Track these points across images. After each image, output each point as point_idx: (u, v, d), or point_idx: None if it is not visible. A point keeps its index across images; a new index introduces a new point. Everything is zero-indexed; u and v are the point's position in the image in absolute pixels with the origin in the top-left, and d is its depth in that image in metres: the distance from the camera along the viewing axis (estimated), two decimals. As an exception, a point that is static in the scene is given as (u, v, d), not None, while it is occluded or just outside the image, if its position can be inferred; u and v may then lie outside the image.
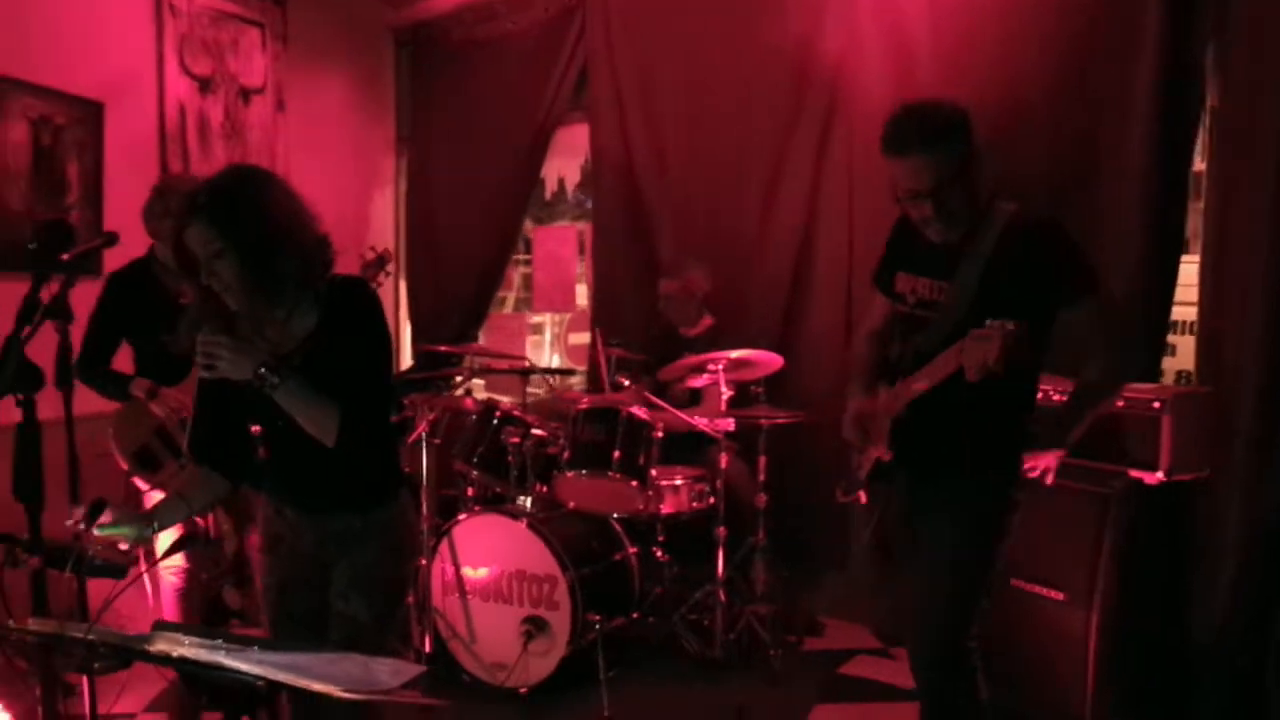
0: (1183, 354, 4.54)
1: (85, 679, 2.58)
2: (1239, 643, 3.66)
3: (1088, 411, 2.94)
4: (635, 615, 4.67)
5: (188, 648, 1.91)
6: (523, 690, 4.26)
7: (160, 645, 1.92)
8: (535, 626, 4.24)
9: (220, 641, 1.96)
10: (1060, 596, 3.75)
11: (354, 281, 2.64)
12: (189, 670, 1.93)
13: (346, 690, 1.79)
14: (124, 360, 3.93)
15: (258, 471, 2.66)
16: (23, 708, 3.35)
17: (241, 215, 2.36)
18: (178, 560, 3.90)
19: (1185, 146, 4.10)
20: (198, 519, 3.80)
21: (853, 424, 3.12)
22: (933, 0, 4.78)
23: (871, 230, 4.65)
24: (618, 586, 4.61)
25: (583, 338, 6.76)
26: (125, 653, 1.93)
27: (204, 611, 4.17)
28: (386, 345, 2.62)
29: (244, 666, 1.84)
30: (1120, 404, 3.66)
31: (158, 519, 2.39)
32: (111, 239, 3.07)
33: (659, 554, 4.83)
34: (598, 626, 4.29)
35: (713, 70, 5.70)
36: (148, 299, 3.81)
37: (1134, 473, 3.68)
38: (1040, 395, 3.14)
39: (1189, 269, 4.23)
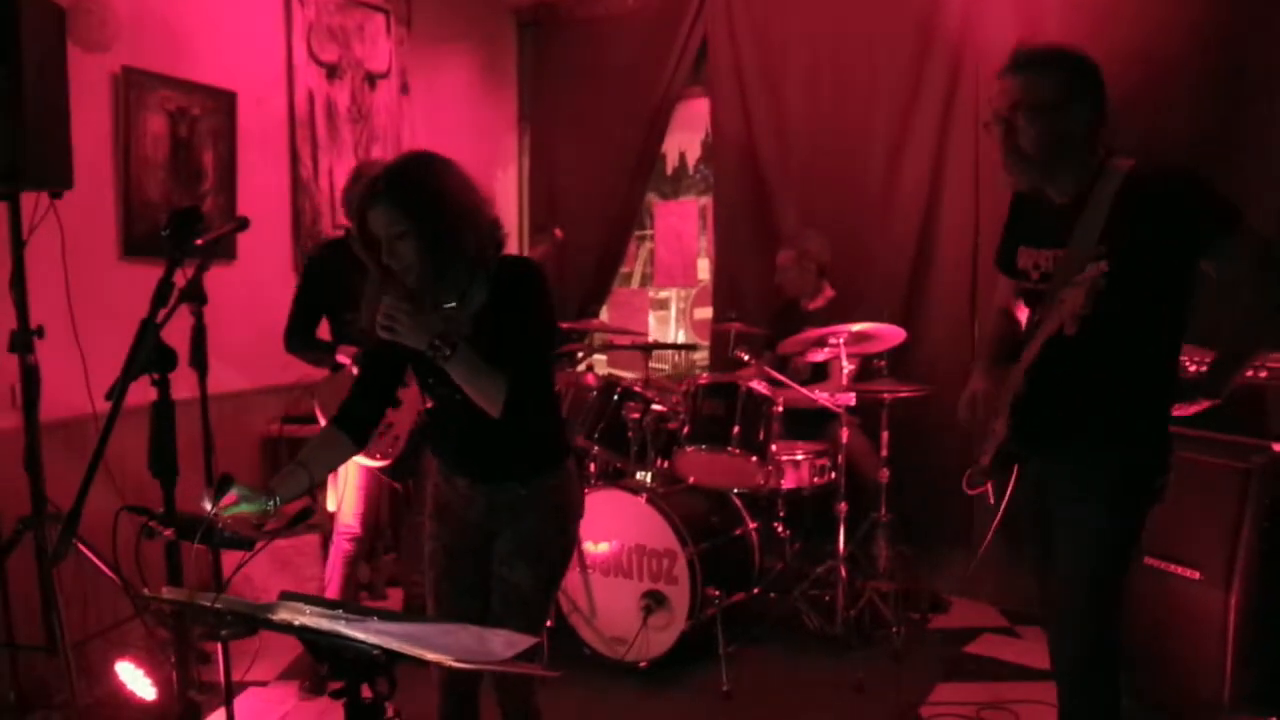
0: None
1: (219, 647, 2.71)
2: None
3: (1244, 356, 2.74)
4: (755, 591, 4.68)
5: (309, 616, 1.97)
6: (642, 664, 4.31)
7: (283, 614, 1.98)
8: (655, 601, 4.27)
9: (341, 611, 2.04)
10: (1196, 575, 3.64)
11: (523, 261, 2.73)
12: (310, 639, 2.00)
13: (460, 661, 1.84)
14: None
15: (435, 441, 2.83)
16: (161, 675, 3.54)
17: (423, 198, 2.45)
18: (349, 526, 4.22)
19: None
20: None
21: (967, 404, 2.93)
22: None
23: (998, 200, 4.51)
24: (738, 562, 4.62)
25: (707, 313, 6.77)
26: (250, 620, 1.99)
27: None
28: (553, 321, 2.76)
29: (362, 635, 1.89)
30: (1263, 374, 3.56)
31: (279, 492, 2.48)
32: (243, 224, 3.19)
33: (780, 529, 4.84)
34: (717, 601, 4.31)
35: (834, 40, 5.68)
36: (345, 277, 4.01)
37: (1277, 446, 3.54)
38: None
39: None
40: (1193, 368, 3.52)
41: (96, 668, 3.81)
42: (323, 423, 3.97)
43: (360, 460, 4.05)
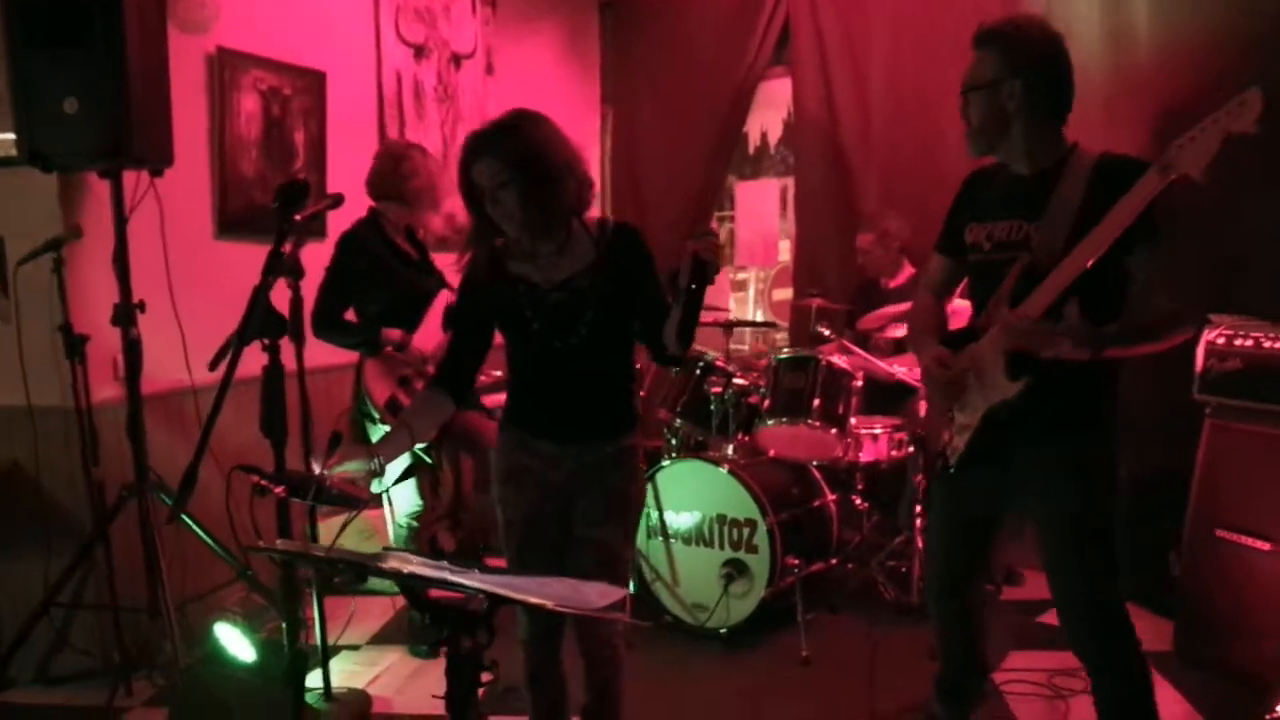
0: None
1: (314, 609, 2.77)
2: None
3: (1132, 338, 2.65)
4: (834, 561, 4.75)
5: (416, 565, 2.08)
6: (722, 630, 4.40)
7: (392, 563, 2.09)
8: (735, 569, 4.36)
9: (445, 563, 2.15)
10: (1266, 547, 3.70)
11: (630, 226, 2.89)
12: (418, 586, 2.10)
13: (560, 606, 1.93)
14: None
15: (516, 406, 2.92)
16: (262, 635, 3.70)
17: (523, 150, 2.59)
18: (415, 505, 4.25)
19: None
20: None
21: (938, 376, 2.89)
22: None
23: None
24: (816, 532, 4.69)
25: (786, 293, 6.82)
26: (361, 569, 2.10)
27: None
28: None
29: (468, 582, 1.99)
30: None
31: (382, 451, 2.61)
32: (338, 200, 3.30)
33: (858, 501, 4.89)
34: (796, 570, 4.39)
35: (917, 21, 5.72)
36: (381, 257, 4.16)
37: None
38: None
39: None
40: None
41: (197, 630, 3.95)
42: (373, 410, 4.11)
43: None
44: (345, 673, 4.12)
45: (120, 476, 3.95)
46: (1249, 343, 3.83)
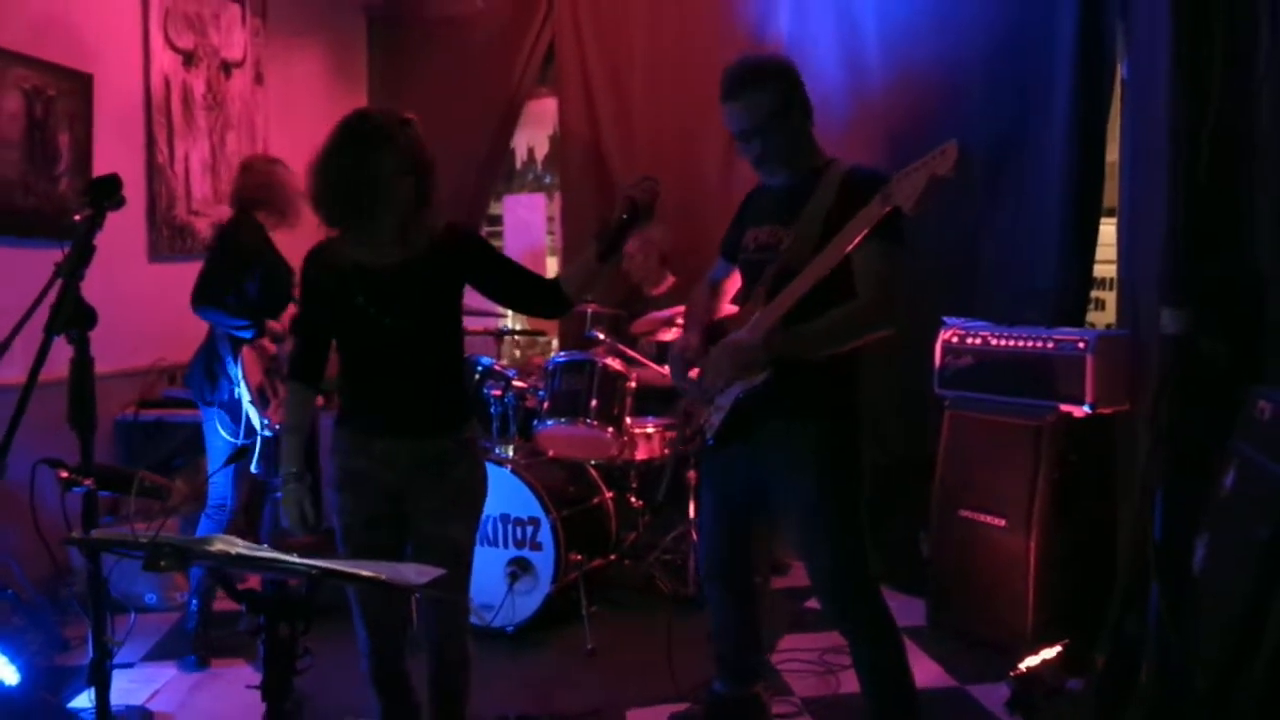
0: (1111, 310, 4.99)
1: (90, 628, 2.67)
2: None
3: (812, 337, 2.88)
4: (613, 557, 4.95)
5: (242, 548, 2.13)
6: (509, 628, 4.50)
7: (219, 546, 2.13)
8: (520, 567, 4.49)
9: (267, 547, 2.21)
10: (1001, 523, 4.12)
11: (464, 226, 3.09)
12: (245, 566, 2.16)
13: (385, 579, 2.03)
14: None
15: (351, 405, 2.98)
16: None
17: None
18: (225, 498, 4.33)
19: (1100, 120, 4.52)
20: None
21: (681, 357, 3.19)
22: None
23: None
24: (596, 529, 4.89)
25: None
26: (186, 554, 2.12)
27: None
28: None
29: (296, 561, 2.06)
30: (1051, 345, 4.09)
31: (292, 463, 2.90)
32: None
33: (633, 500, 5.10)
34: (579, 566, 4.57)
35: (675, 41, 6.07)
36: (257, 251, 4.28)
37: (1064, 407, 4.05)
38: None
39: (1109, 229, 4.67)
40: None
41: None
42: (246, 393, 4.16)
43: (262, 428, 4.20)
44: (121, 691, 3.99)
45: None
46: (978, 341, 4.32)
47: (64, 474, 2.44)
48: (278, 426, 4.12)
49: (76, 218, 2.65)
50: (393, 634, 2.96)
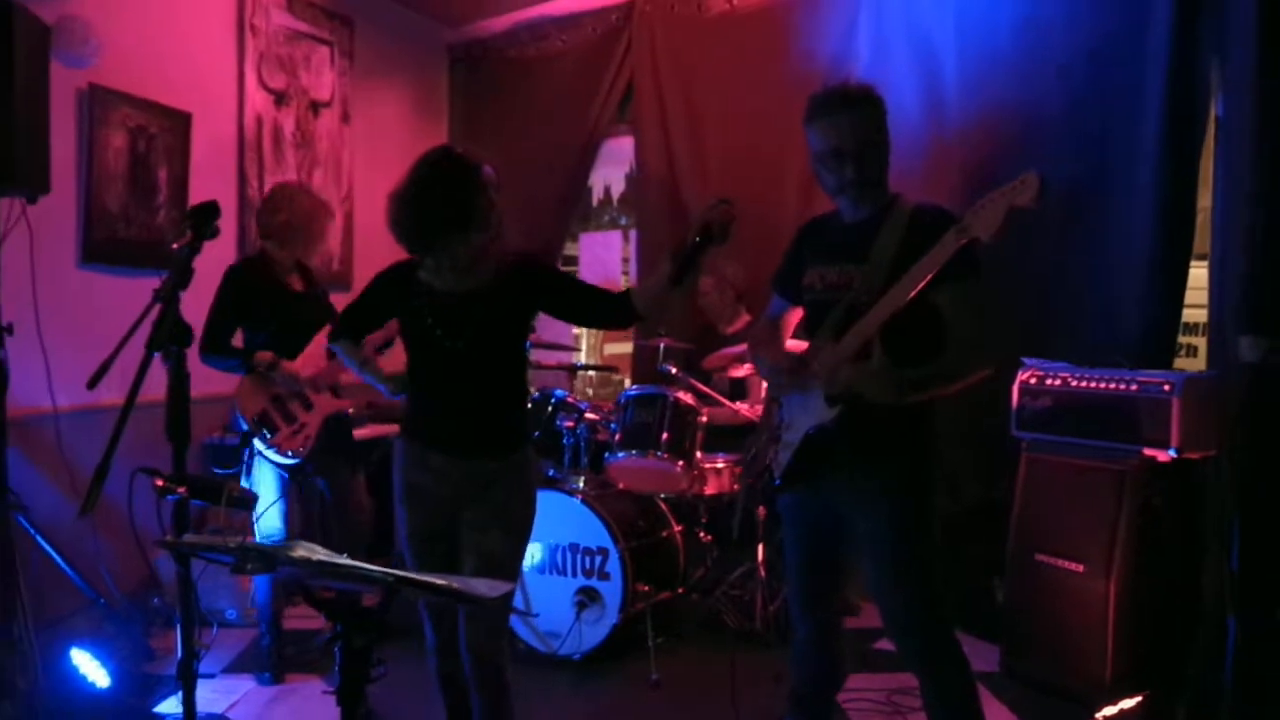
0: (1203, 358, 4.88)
1: (178, 637, 2.79)
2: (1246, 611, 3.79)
3: (930, 383, 2.83)
4: (680, 590, 4.97)
5: (322, 555, 2.23)
6: (576, 657, 4.55)
7: (301, 552, 2.23)
8: (588, 596, 4.55)
9: (345, 556, 2.31)
10: (1080, 568, 4.02)
11: (532, 254, 3.25)
12: (325, 573, 2.25)
13: (457, 589, 2.11)
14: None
15: (414, 419, 3.15)
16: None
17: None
18: (277, 530, 4.35)
19: (1192, 160, 4.40)
20: None
21: (775, 369, 3.11)
22: (959, 12, 5.18)
23: None
24: (665, 561, 4.92)
25: (617, 347, 7.10)
26: (271, 559, 2.23)
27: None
28: None
29: (373, 569, 2.15)
30: (1134, 388, 3.98)
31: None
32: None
33: (702, 535, 5.13)
34: (647, 596, 4.61)
35: (751, 81, 6.11)
36: (262, 292, 4.32)
37: (1148, 451, 3.92)
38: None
39: (1201, 273, 4.52)
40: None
41: (48, 656, 3.90)
42: (245, 424, 4.26)
43: (273, 456, 4.26)
44: (201, 700, 4.04)
45: None
46: (1057, 382, 4.25)
47: (159, 482, 2.56)
48: (289, 453, 4.25)
49: (174, 245, 2.81)
50: (454, 632, 3.12)
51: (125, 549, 4.64)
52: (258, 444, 4.25)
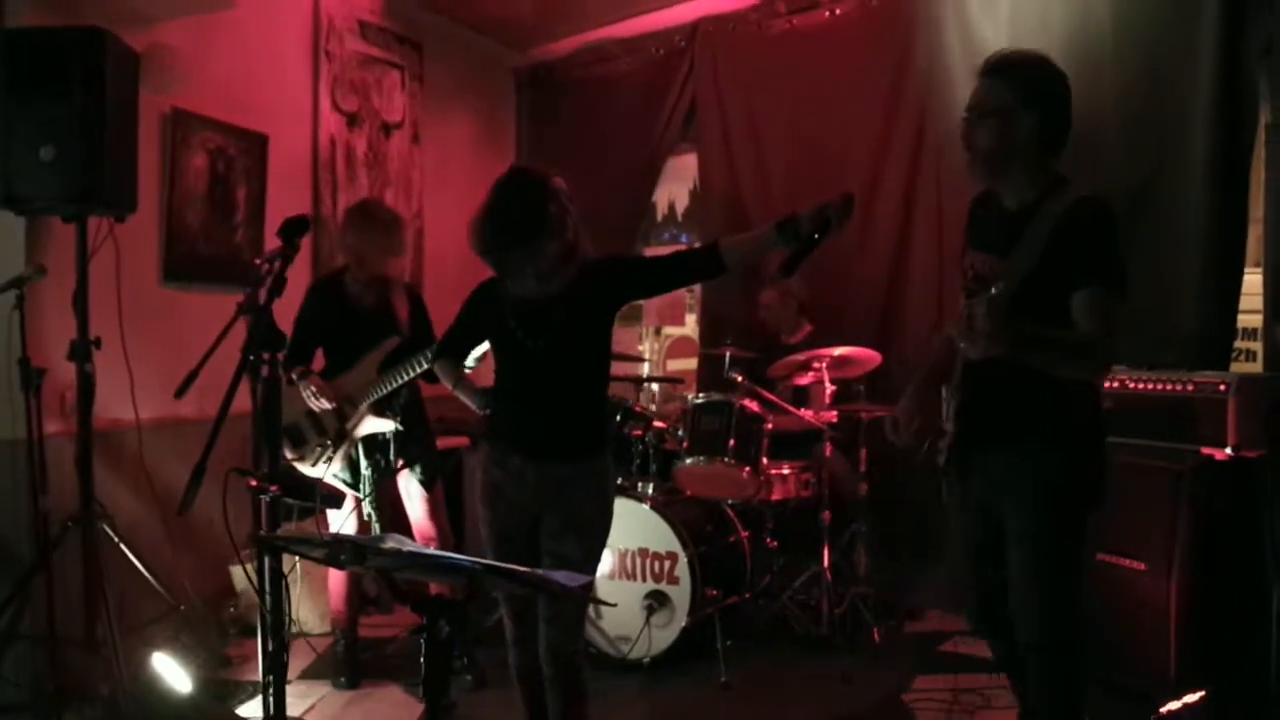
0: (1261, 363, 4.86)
1: (259, 643, 2.91)
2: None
3: (1045, 344, 2.70)
4: (748, 595, 5.04)
5: (413, 546, 2.34)
6: (645, 660, 4.63)
7: (391, 544, 2.34)
8: (657, 600, 4.62)
9: (431, 549, 2.42)
10: (1142, 567, 4.04)
11: (606, 256, 3.29)
12: (418, 564, 2.36)
13: (539, 577, 2.22)
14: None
15: (493, 423, 3.30)
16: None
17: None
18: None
19: (1242, 166, 4.49)
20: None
21: (890, 427, 3.10)
22: (1012, 22, 5.25)
23: (960, 231, 5.14)
24: (732, 566, 5.00)
25: (680, 363, 7.20)
26: (363, 551, 2.34)
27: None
28: None
29: (462, 559, 2.26)
30: (1191, 388, 4.06)
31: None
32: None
33: (769, 541, 5.20)
34: (715, 600, 4.69)
35: (812, 96, 6.19)
36: (330, 307, 4.46)
37: (1205, 450, 3.98)
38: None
39: (1257, 279, 4.60)
40: (1132, 384, 4.05)
41: (132, 662, 4.02)
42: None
43: (303, 468, 4.39)
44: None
45: (61, 510, 4.04)
46: (1115, 384, 4.29)
47: (253, 482, 2.69)
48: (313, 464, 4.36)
49: (257, 261, 2.95)
50: (534, 626, 3.21)
51: (202, 557, 4.83)
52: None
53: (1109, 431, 2.97)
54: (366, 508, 4.35)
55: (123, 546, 4.04)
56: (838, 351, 4.98)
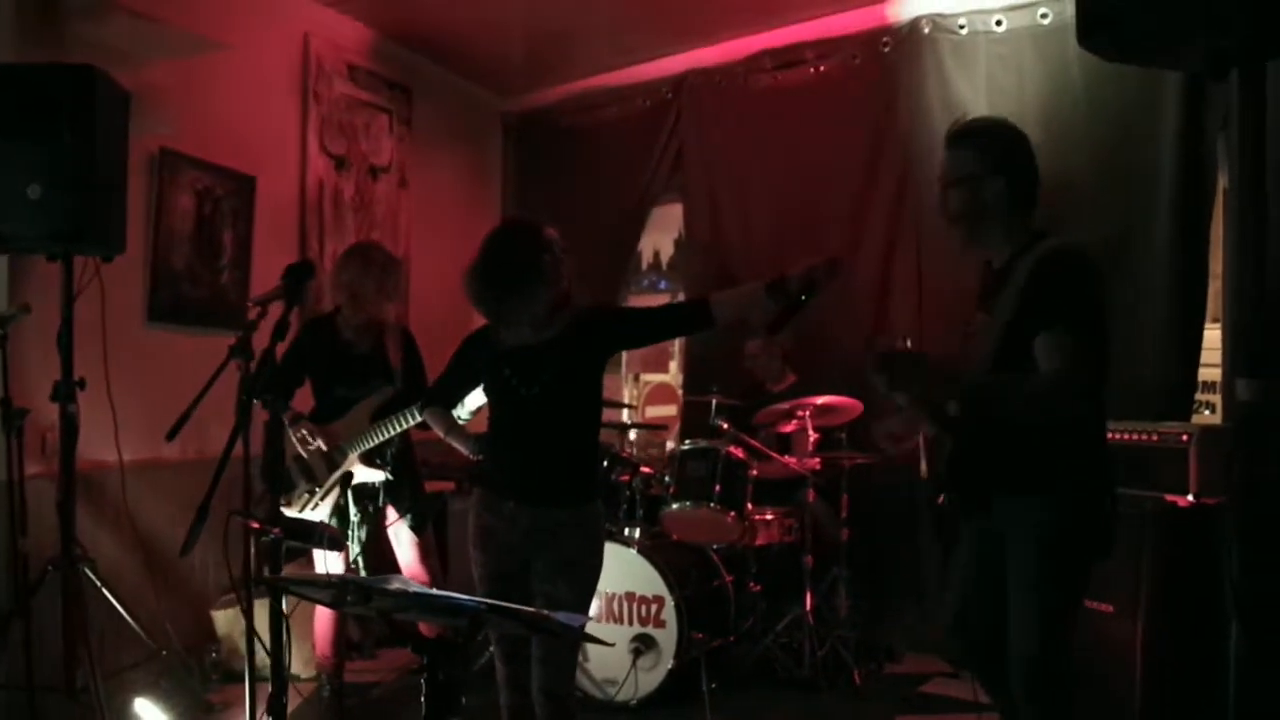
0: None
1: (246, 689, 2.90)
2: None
3: (994, 392, 2.78)
4: (731, 638, 5.07)
5: (417, 587, 2.36)
6: (632, 703, 4.64)
7: (396, 585, 2.36)
8: (644, 643, 4.65)
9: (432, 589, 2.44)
10: (1109, 609, 4.12)
11: (597, 305, 3.46)
12: (422, 605, 2.38)
13: (535, 621, 2.24)
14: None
15: (486, 466, 3.33)
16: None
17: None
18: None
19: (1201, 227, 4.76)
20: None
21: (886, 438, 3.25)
22: (989, 85, 5.43)
23: (939, 288, 5.36)
24: (717, 610, 5.03)
25: (659, 410, 7.24)
26: (368, 591, 2.35)
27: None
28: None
29: (466, 599, 2.28)
30: (1155, 438, 4.20)
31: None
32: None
33: (752, 585, 5.23)
34: (701, 643, 4.71)
35: (796, 149, 6.29)
36: (320, 348, 4.44)
37: (1168, 497, 4.10)
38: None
39: (1216, 334, 4.84)
40: (1126, 436, 4.12)
41: (114, 708, 3.98)
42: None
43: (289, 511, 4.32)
44: None
45: (41, 552, 3.95)
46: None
47: (255, 524, 2.71)
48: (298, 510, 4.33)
49: (249, 303, 2.97)
50: (526, 666, 3.22)
51: (184, 601, 4.80)
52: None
53: (1115, 479, 2.98)
54: (354, 551, 4.34)
55: (104, 590, 3.98)
56: (821, 400, 5.07)
